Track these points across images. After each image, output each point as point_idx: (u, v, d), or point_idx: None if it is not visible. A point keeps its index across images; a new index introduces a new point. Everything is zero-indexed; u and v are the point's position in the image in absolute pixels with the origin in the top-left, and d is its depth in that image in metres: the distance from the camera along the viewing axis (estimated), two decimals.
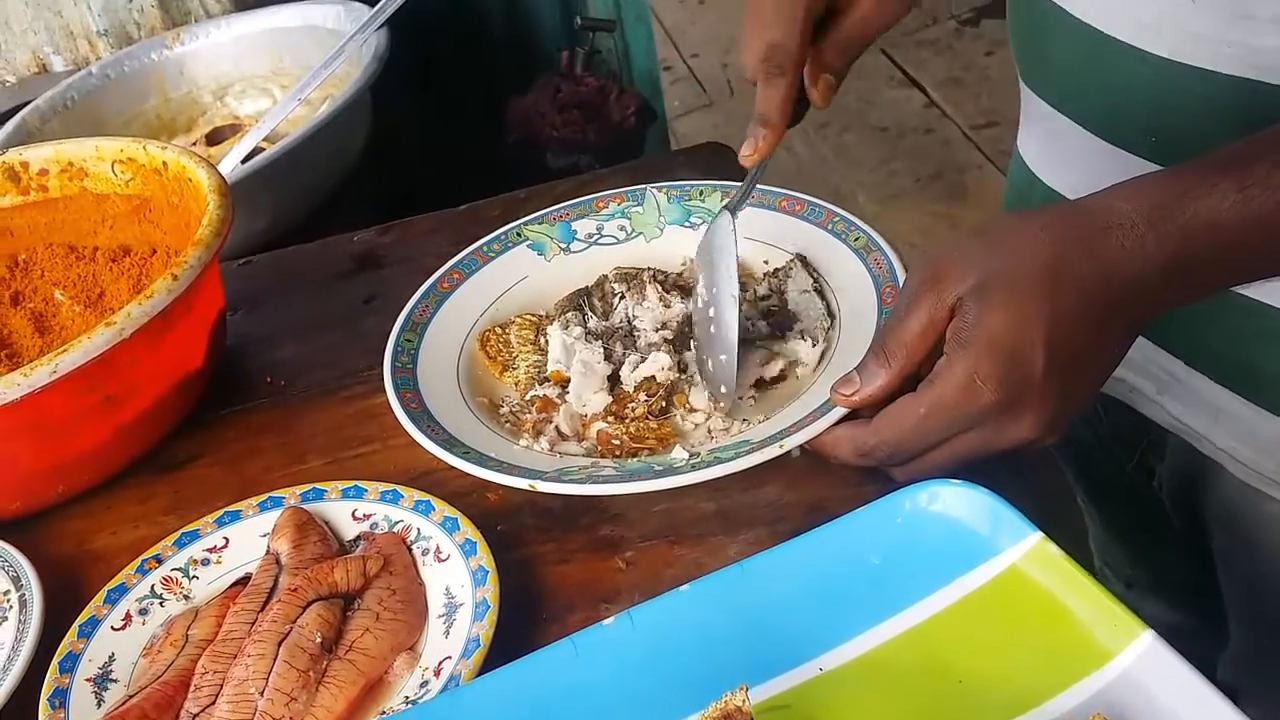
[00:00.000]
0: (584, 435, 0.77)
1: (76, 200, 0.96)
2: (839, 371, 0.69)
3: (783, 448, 0.68)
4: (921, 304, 0.62)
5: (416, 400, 0.77)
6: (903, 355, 0.64)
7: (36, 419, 0.75)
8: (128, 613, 0.70)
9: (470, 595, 0.66)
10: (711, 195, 0.89)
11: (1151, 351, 0.81)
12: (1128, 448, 0.93)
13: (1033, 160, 0.86)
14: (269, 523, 0.73)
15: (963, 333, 0.60)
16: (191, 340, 0.84)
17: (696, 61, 3.45)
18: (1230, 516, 0.82)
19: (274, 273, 1.03)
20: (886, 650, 0.58)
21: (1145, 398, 0.83)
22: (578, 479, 0.70)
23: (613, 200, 0.92)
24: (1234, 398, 0.76)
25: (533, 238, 0.91)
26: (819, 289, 0.82)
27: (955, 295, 0.61)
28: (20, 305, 0.92)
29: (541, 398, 0.79)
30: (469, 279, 0.88)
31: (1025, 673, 0.55)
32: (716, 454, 0.71)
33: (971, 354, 0.60)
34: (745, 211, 0.80)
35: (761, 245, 0.87)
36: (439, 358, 0.82)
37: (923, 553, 0.60)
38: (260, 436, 0.84)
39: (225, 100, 1.58)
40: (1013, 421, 0.61)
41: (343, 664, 0.64)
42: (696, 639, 0.60)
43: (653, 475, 0.69)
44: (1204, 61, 0.66)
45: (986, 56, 3.15)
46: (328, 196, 1.36)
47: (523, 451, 0.75)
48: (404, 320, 0.84)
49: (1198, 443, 0.81)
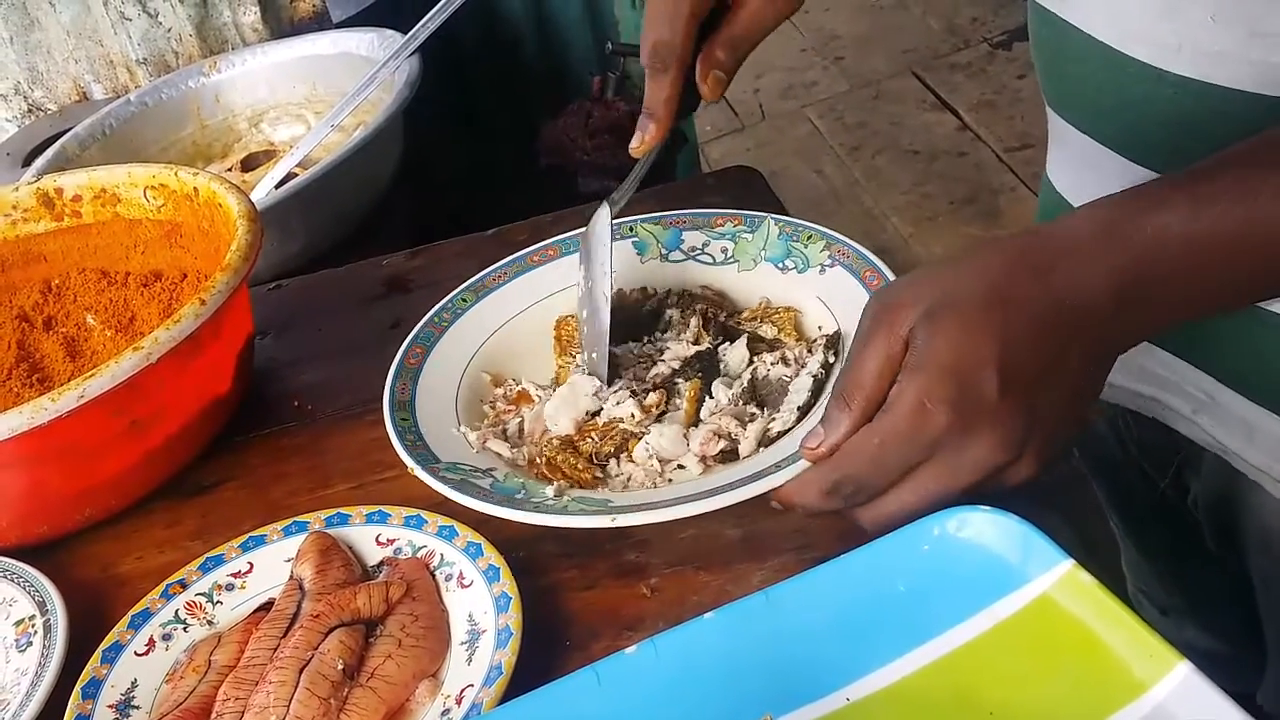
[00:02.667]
0: (528, 443, 0.78)
1: (109, 226, 0.97)
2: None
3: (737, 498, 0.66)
4: (876, 342, 0.60)
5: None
6: (862, 397, 0.61)
7: (64, 444, 0.75)
8: (151, 638, 0.70)
9: (493, 622, 0.65)
10: (816, 242, 0.86)
11: (1186, 370, 0.80)
12: (1161, 467, 0.92)
13: (1060, 183, 0.85)
14: (293, 547, 0.73)
15: (912, 359, 0.59)
16: (219, 365, 0.84)
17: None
18: (1268, 537, 0.80)
19: (303, 297, 1.03)
20: (915, 680, 0.57)
21: (1180, 416, 0.82)
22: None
23: (731, 221, 0.91)
24: (1269, 416, 0.74)
25: (642, 235, 0.91)
26: (825, 370, 0.78)
27: (907, 326, 0.59)
28: (53, 330, 0.93)
29: (521, 391, 0.80)
30: (563, 257, 0.90)
31: (1057, 704, 0.54)
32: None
33: (921, 378, 0.58)
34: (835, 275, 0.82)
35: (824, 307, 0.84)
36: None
37: (952, 580, 0.59)
38: (286, 461, 0.84)
39: (260, 127, 1.60)
40: (971, 444, 0.58)
41: (365, 691, 0.64)
42: (721, 668, 0.59)
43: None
44: (1224, 80, 0.65)
45: (1019, 79, 3.14)
46: (361, 221, 1.37)
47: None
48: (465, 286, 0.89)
49: (1234, 461, 0.79)
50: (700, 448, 0.74)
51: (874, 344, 0.60)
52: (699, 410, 0.77)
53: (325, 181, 1.23)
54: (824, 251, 0.84)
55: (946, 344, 0.58)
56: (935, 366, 0.58)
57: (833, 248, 0.84)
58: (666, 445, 0.75)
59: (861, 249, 0.83)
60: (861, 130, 2.89)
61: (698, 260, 0.90)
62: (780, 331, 0.84)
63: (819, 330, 0.82)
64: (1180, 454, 0.88)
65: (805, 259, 0.86)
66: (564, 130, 1.81)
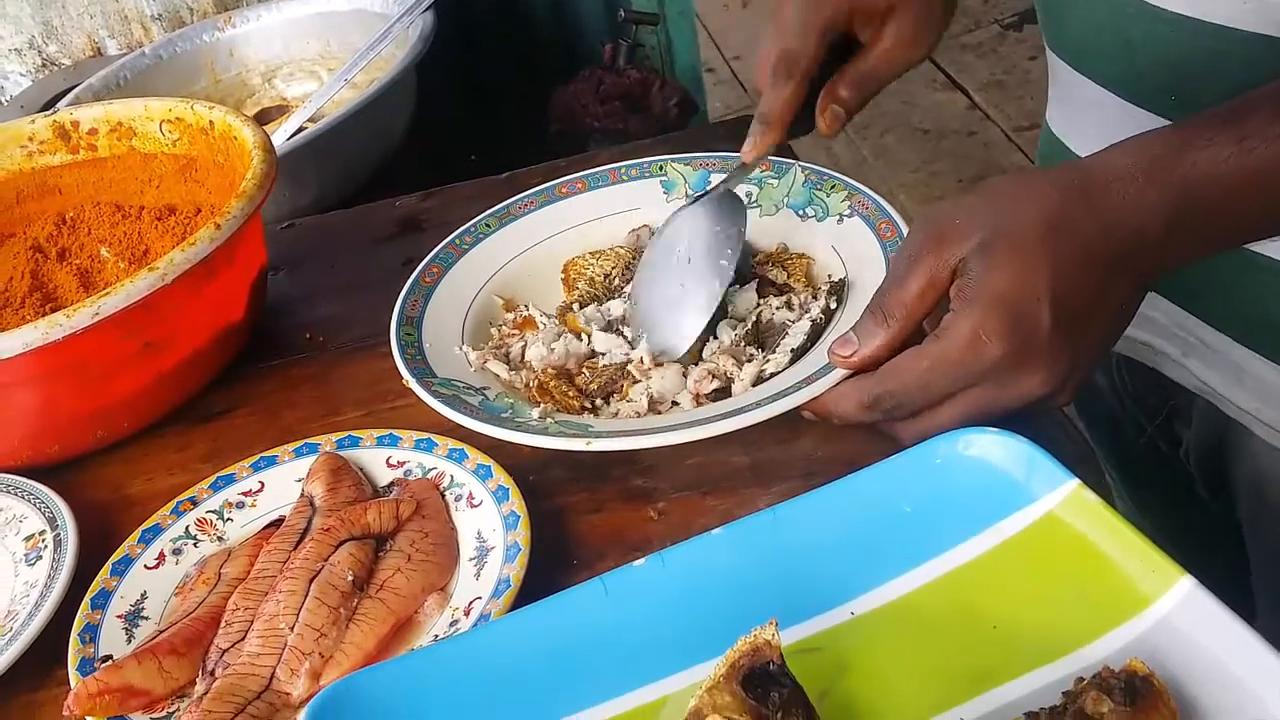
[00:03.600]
0: (526, 369, 0.79)
1: (124, 160, 0.98)
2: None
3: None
4: (922, 265, 0.62)
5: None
6: (901, 315, 0.63)
7: (78, 362, 0.76)
8: (161, 552, 0.71)
9: (502, 539, 0.66)
10: (839, 191, 0.86)
11: (1177, 315, 0.80)
12: (1151, 413, 0.92)
13: (1059, 127, 0.86)
14: (304, 468, 0.74)
15: (967, 290, 0.60)
16: (233, 291, 0.84)
17: (739, 64, 3.45)
18: (1257, 482, 0.81)
19: (315, 236, 1.03)
20: (919, 596, 0.58)
21: (1170, 360, 0.83)
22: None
23: (759, 165, 0.89)
24: (1257, 359, 0.75)
25: (670, 175, 0.91)
26: (825, 315, 0.78)
27: (958, 256, 0.61)
28: (66, 261, 0.93)
29: (528, 317, 0.81)
30: (590, 191, 0.90)
31: (1061, 619, 0.54)
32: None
33: (977, 310, 0.60)
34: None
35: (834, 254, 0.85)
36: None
37: (958, 499, 0.60)
38: (297, 390, 0.85)
39: (273, 82, 1.60)
40: (1023, 377, 0.60)
41: (374, 602, 0.64)
42: (727, 582, 0.59)
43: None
44: (1221, 18, 0.66)
45: (1029, 60, 3.13)
46: (371, 176, 1.37)
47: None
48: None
49: (1223, 405, 0.80)
50: (694, 385, 0.75)
51: (920, 266, 0.62)
52: (701, 350, 0.77)
53: (337, 133, 1.23)
54: (845, 201, 0.85)
55: (1002, 277, 0.59)
56: (991, 299, 0.59)
57: (854, 198, 0.84)
58: (667, 387, 0.75)
59: (881, 201, 0.83)
60: (871, 109, 2.87)
61: None
62: (790, 277, 0.84)
63: (828, 278, 0.83)
64: (1171, 402, 0.89)
65: (825, 207, 0.86)
66: (575, 96, 1.81)
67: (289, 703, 0.60)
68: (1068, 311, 0.59)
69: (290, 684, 0.61)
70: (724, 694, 0.51)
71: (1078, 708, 0.49)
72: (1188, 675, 0.50)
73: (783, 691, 0.51)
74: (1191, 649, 0.51)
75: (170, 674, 0.62)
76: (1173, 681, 0.50)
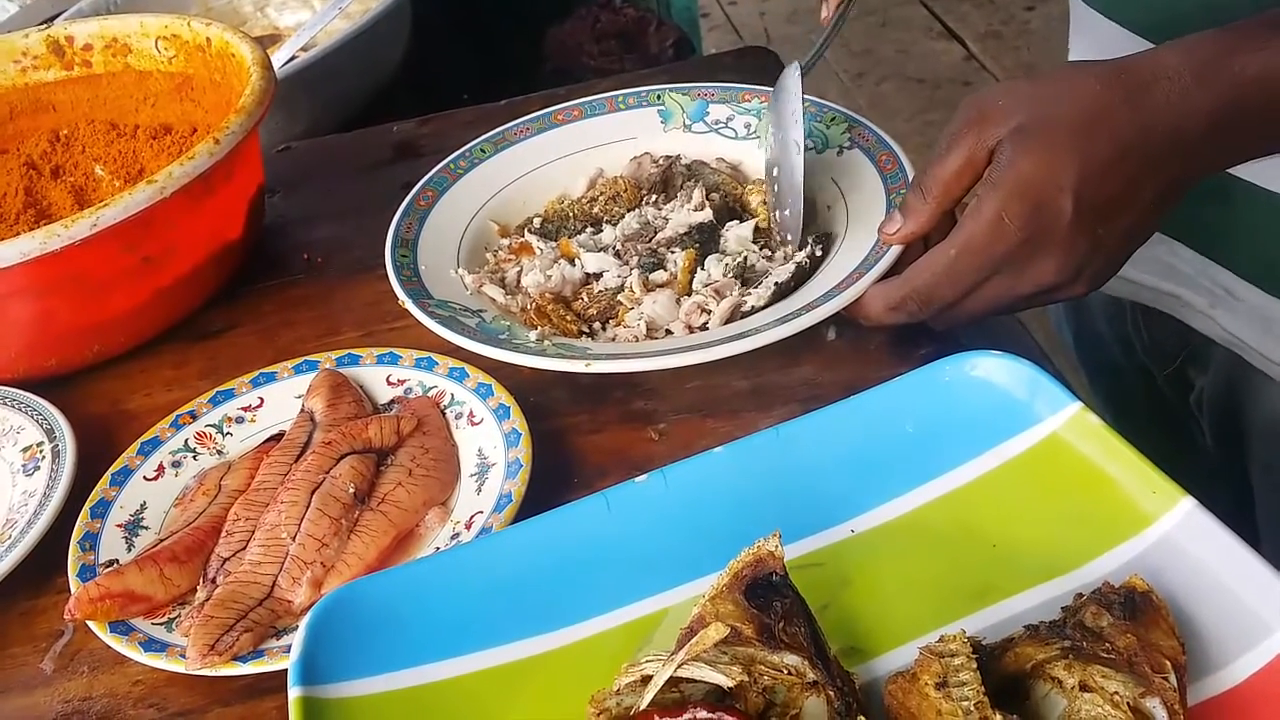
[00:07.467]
0: (522, 293, 0.79)
1: (119, 77, 0.96)
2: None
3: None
4: (962, 144, 0.63)
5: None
6: (940, 191, 0.65)
7: (75, 274, 0.75)
8: (160, 464, 0.71)
9: (503, 456, 0.66)
10: (839, 124, 0.85)
11: (1205, 265, 0.80)
12: (1165, 359, 0.92)
13: None
14: (304, 384, 0.73)
15: (994, 174, 0.61)
16: (230, 209, 0.84)
17: (734, 9, 3.42)
18: (1275, 427, 0.81)
19: (312, 159, 1.02)
20: (920, 514, 0.58)
21: (1195, 311, 0.83)
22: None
23: (758, 97, 0.90)
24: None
25: (667, 104, 0.91)
26: (809, 262, 0.78)
27: (995, 138, 0.62)
28: (60, 179, 0.92)
29: (524, 243, 0.81)
30: (586, 119, 0.90)
31: (1062, 537, 0.55)
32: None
33: (1001, 194, 0.61)
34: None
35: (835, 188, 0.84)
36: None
37: (961, 419, 0.60)
38: (296, 309, 0.85)
39: (265, 11, 1.58)
40: (1037, 262, 0.62)
41: (374, 514, 0.64)
42: (729, 499, 0.59)
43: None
44: None
45: (1027, 10, 3.11)
46: (363, 109, 1.35)
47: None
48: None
49: (1247, 354, 0.80)
50: (686, 317, 0.75)
51: (960, 145, 0.63)
52: (692, 280, 0.77)
53: (329, 63, 1.21)
54: (845, 134, 0.84)
55: (1030, 164, 0.60)
56: (1015, 184, 0.60)
57: (854, 130, 0.84)
58: (660, 312, 0.75)
59: (882, 133, 0.83)
60: (867, 57, 2.86)
61: (720, 134, 0.90)
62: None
63: (826, 209, 0.83)
64: (1188, 348, 0.89)
65: (825, 139, 0.86)
66: (571, 35, 1.79)
67: (290, 610, 0.61)
68: (1091, 204, 0.60)
69: (292, 592, 0.61)
70: (727, 603, 0.51)
71: (1078, 620, 0.49)
72: (1187, 592, 0.51)
73: (785, 601, 0.51)
74: (1192, 567, 0.51)
75: (171, 581, 0.62)
76: (1172, 598, 0.50)
